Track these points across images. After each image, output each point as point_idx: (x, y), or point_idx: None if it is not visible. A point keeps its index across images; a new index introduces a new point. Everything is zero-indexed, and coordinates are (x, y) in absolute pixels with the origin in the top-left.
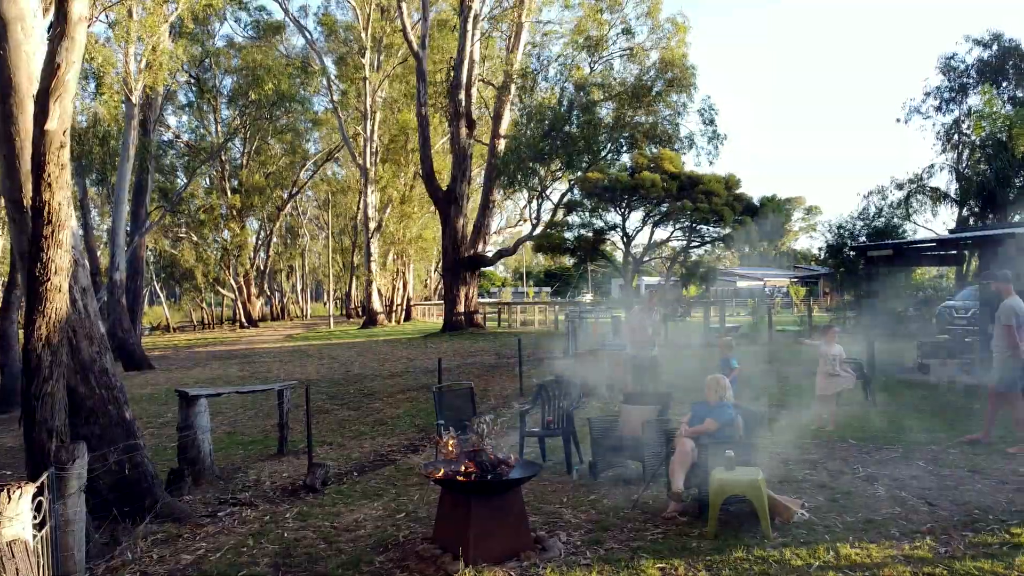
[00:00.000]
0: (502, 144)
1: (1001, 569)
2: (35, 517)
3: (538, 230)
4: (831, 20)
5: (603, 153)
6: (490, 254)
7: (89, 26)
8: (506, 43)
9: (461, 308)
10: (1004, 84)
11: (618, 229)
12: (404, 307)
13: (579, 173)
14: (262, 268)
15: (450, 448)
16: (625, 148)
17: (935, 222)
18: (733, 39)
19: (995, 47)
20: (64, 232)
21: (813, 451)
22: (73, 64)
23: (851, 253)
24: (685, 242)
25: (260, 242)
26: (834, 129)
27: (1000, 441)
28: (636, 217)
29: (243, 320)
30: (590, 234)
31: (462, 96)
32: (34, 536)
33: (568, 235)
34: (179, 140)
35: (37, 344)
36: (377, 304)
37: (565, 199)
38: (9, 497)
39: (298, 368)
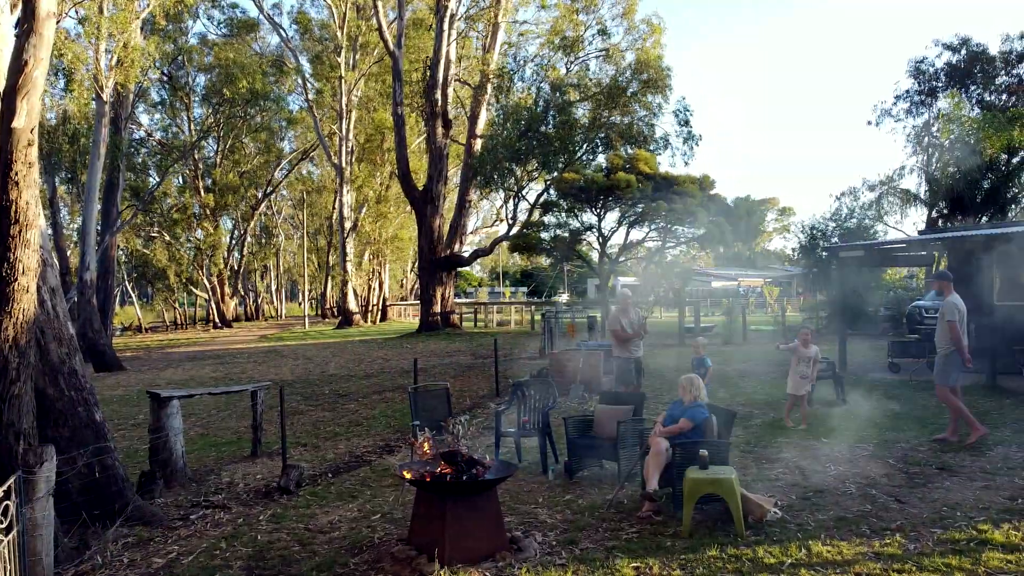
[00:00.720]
0: (478, 144)
1: (968, 565)
2: (2, 521)
3: (514, 230)
4: (807, 20)
5: (579, 153)
6: (466, 254)
7: (58, 22)
8: (482, 43)
9: (437, 308)
10: (972, 88)
11: (594, 229)
12: (380, 307)
13: (555, 173)
14: (236, 268)
15: (425, 449)
16: (601, 149)
17: (905, 223)
18: (716, 39)
19: (963, 51)
20: (32, 231)
21: (785, 450)
22: (41, 61)
23: (823, 254)
24: (660, 242)
25: (234, 242)
26: (809, 129)
27: (967, 438)
28: (612, 218)
29: (217, 320)
30: (566, 234)
31: (438, 95)
32: (1, 541)
33: (544, 235)
34: (151, 138)
35: (4, 345)
36: (353, 304)
37: (541, 199)
38: None
39: (272, 369)
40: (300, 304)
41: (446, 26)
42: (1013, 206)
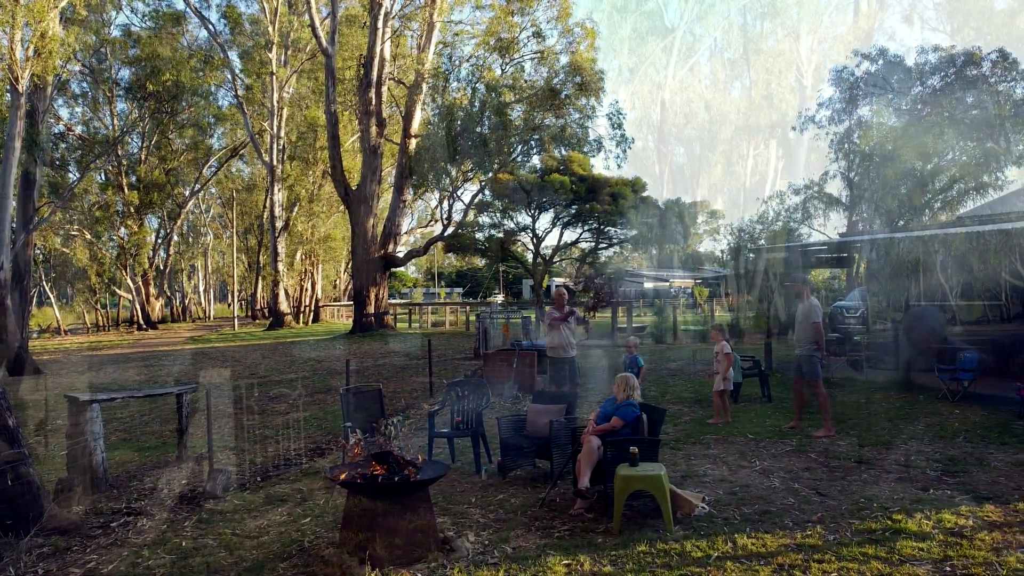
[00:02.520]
0: (413, 143)
1: (884, 553)
2: None
3: (449, 230)
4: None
5: (514, 155)
6: (401, 254)
7: None
8: (417, 42)
9: (371, 309)
10: (891, 97)
11: (528, 230)
12: (312, 308)
13: (490, 174)
14: (162, 268)
15: (356, 451)
16: (536, 150)
17: (828, 227)
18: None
19: (881, 62)
20: None
21: (713, 446)
22: None
23: (751, 255)
24: (593, 243)
25: (160, 241)
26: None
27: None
28: (546, 218)
29: (141, 322)
30: (500, 235)
31: (372, 94)
32: None
33: (479, 236)
34: (72, 133)
35: None
36: (284, 305)
37: (476, 200)
38: None
39: (200, 371)
40: (229, 305)
41: (380, 24)
42: (927, 211)
